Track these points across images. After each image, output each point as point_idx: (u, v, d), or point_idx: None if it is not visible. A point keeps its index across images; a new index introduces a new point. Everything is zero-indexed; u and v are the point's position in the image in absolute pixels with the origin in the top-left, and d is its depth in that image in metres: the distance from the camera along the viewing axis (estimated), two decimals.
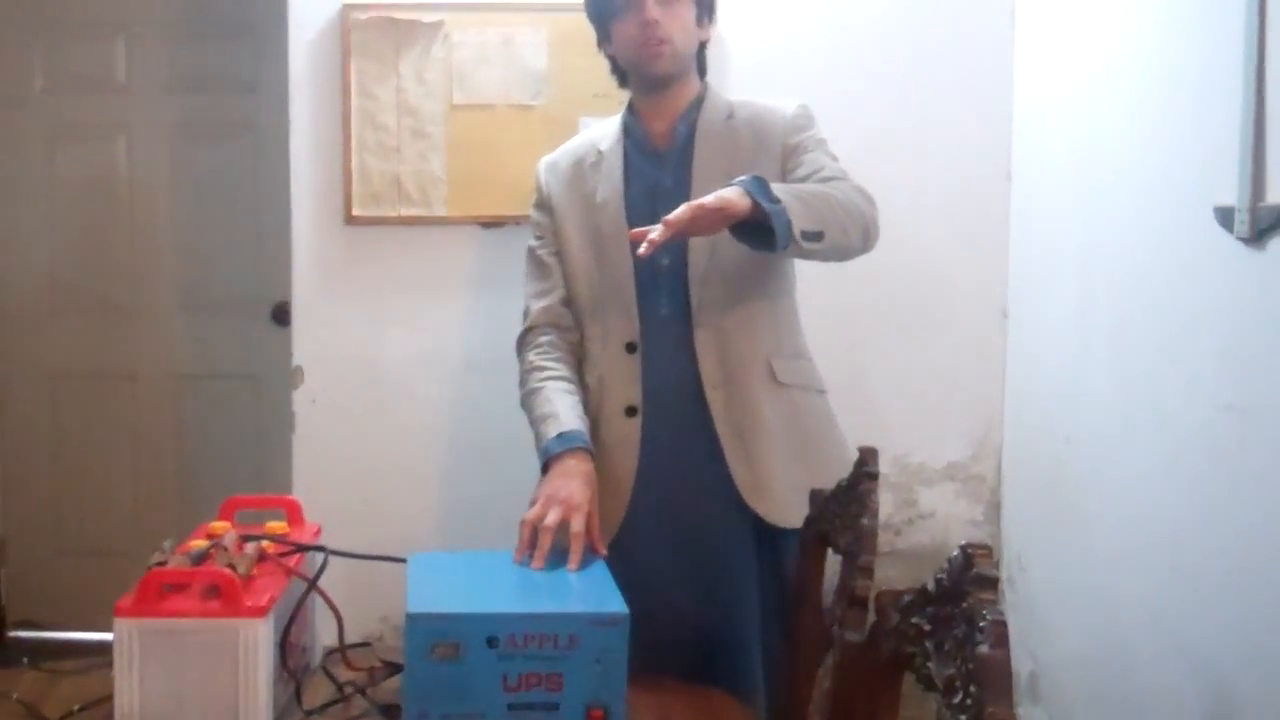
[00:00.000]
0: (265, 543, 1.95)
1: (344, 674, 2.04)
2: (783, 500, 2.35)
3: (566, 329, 2.52)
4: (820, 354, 2.67)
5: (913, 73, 3.15)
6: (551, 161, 2.61)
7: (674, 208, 2.24)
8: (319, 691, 2.00)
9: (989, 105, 3.15)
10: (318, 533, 2.14)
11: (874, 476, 1.87)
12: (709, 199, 2.14)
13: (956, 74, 3.15)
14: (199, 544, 1.91)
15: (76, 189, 4.56)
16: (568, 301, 2.52)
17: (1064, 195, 2.87)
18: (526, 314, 2.55)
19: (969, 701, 1.26)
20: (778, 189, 2.20)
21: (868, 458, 1.90)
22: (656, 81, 2.46)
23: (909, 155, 3.14)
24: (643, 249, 2.15)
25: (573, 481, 2.23)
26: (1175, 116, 2.37)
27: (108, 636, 1.82)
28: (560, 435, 2.31)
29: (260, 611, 1.76)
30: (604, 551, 2.17)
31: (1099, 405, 2.66)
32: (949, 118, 3.15)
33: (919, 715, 1.66)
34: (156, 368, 4.61)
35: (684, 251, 2.39)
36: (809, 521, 2.08)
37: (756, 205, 2.14)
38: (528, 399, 2.45)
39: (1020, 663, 3.06)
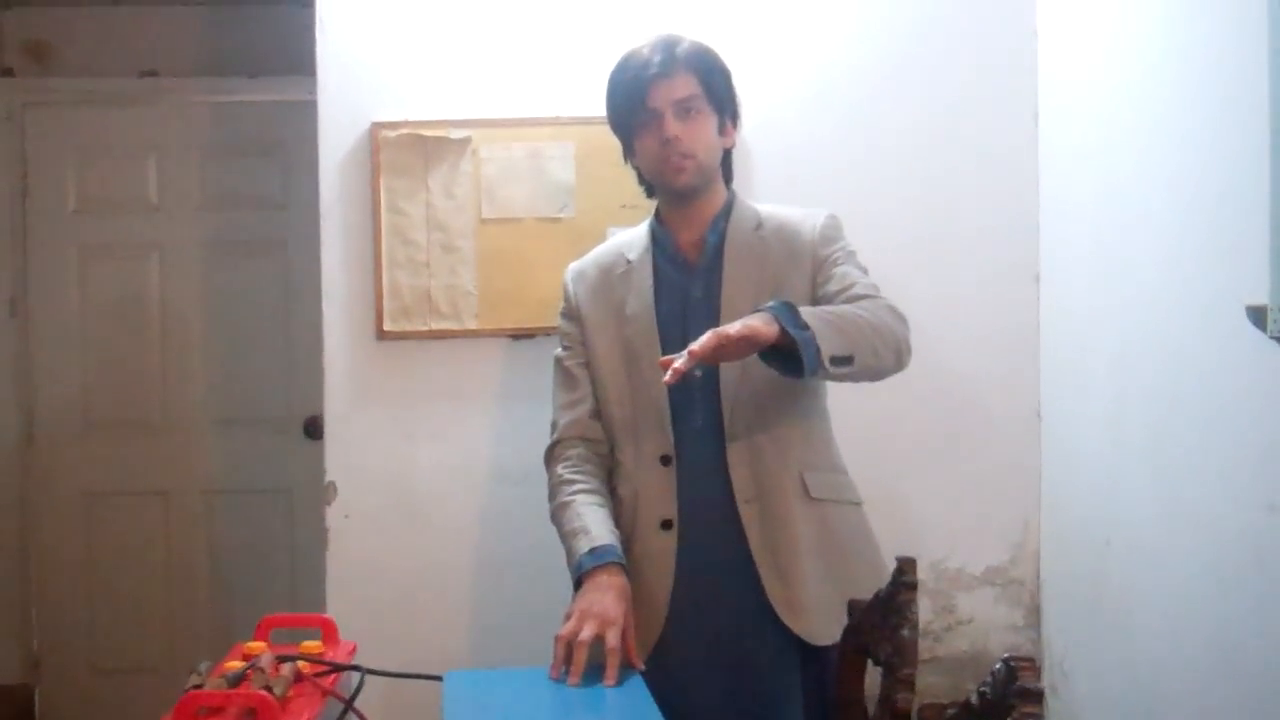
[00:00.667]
0: (301, 663, 1.93)
1: None
2: (818, 617, 2.32)
3: (595, 441, 2.51)
4: (854, 461, 2.66)
5: (938, 178, 3.15)
6: (579, 270, 2.61)
7: (704, 319, 2.29)
8: None
9: (1015, 207, 3.15)
10: (353, 651, 2.12)
11: (913, 587, 1.85)
12: (734, 327, 2.14)
13: (981, 178, 3.15)
14: (235, 665, 1.90)
15: (109, 307, 4.62)
16: (596, 414, 2.52)
17: (1094, 296, 2.87)
18: (555, 427, 2.55)
19: None
20: (806, 314, 2.19)
21: (906, 568, 1.88)
22: (681, 196, 2.47)
23: (936, 259, 3.14)
24: (668, 377, 2.15)
25: (607, 596, 2.22)
26: (1203, 216, 2.37)
27: None
28: (593, 550, 2.30)
29: None
30: (640, 666, 2.15)
31: (1138, 507, 2.64)
32: (975, 221, 3.15)
33: None
34: (189, 484, 4.64)
35: (716, 366, 2.37)
36: (848, 632, 2.06)
37: (784, 332, 2.14)
38: (558, 513, 2.44)
39: None
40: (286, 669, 1.88)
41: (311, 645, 2.09)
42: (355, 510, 3.02)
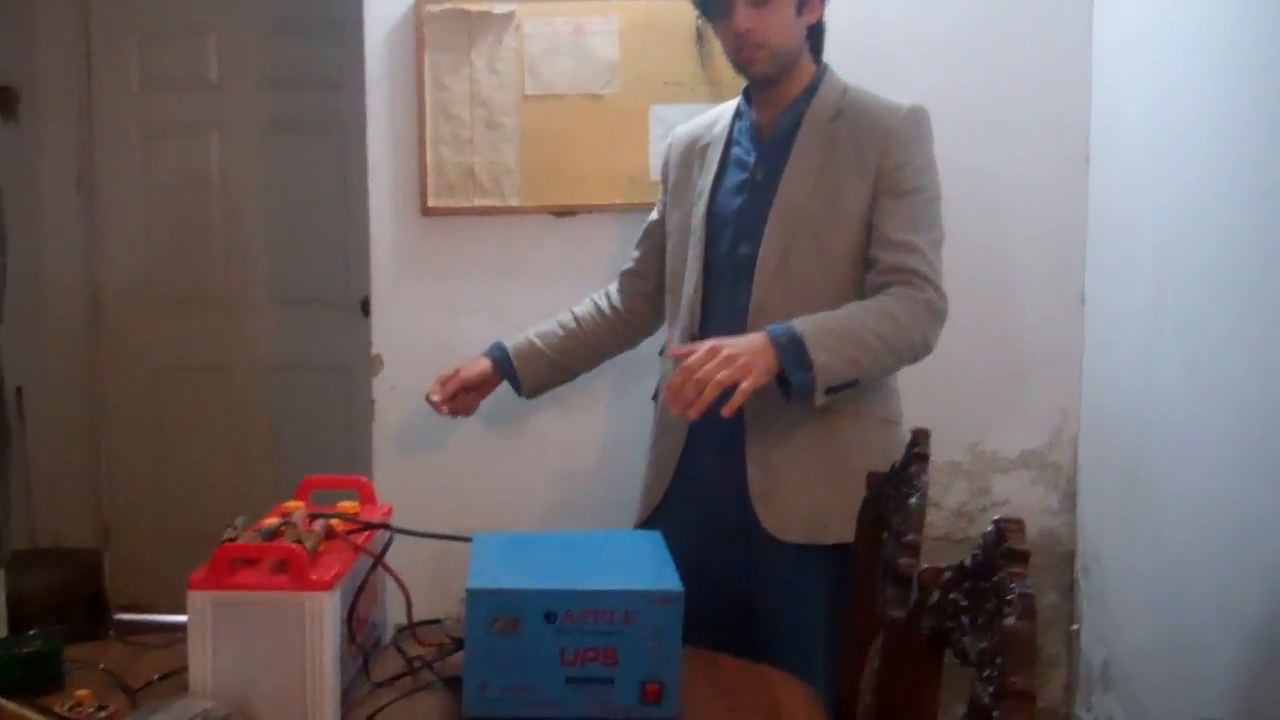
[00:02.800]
0: (334, 520, 1.99)
1: (414, 650, 2.08)
2: (793, 514, 2.36)
3: (627, 293, 2.74)
4: None
5: (994, 64, 3.11)
6: (676, 136, 2.68)
7: (758, 205, 2.37)
8: (388, 665, 2.05)
9: (1067, 90, 3.11)
10: (388, 513, 2.19)
11: (924, 457, 1.88)
12: (738, 360, 2.17)
13: (1034, 61, 3.11)
14: (270, 522, 1.97)
15: (171, 186, 4.70)
16: (646, 273, 2.69)
17: (1141, 182, 2.84)
18: (623, 270, 2.79)
19: (995, 674, 1.27)
20: (817, 347, 2.20)
21: (919, 438, 1.90)
22: (758, 83, 2.46)
23: (988, 140, 3.11)
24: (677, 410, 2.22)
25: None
26: (1252, 101, 2.33)
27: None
28: (497, 343, 2.77)
29: (325, 585, 1.80)
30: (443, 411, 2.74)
31: (1175, 394, 2.63)
32: (1028, 102, 3.12)
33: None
34: (250, 360, 4.74)
35: (757, 248, 2.39)
36: (866, 503, 2.09)
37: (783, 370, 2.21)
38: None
39: (1094, 651, 3.04)
40: (319, 525, 1.95)
41: (349, 505, 2.16)
42: (401, 382, 3.09)
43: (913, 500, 1.79)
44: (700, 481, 2.45)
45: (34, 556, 4.27)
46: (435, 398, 2.74)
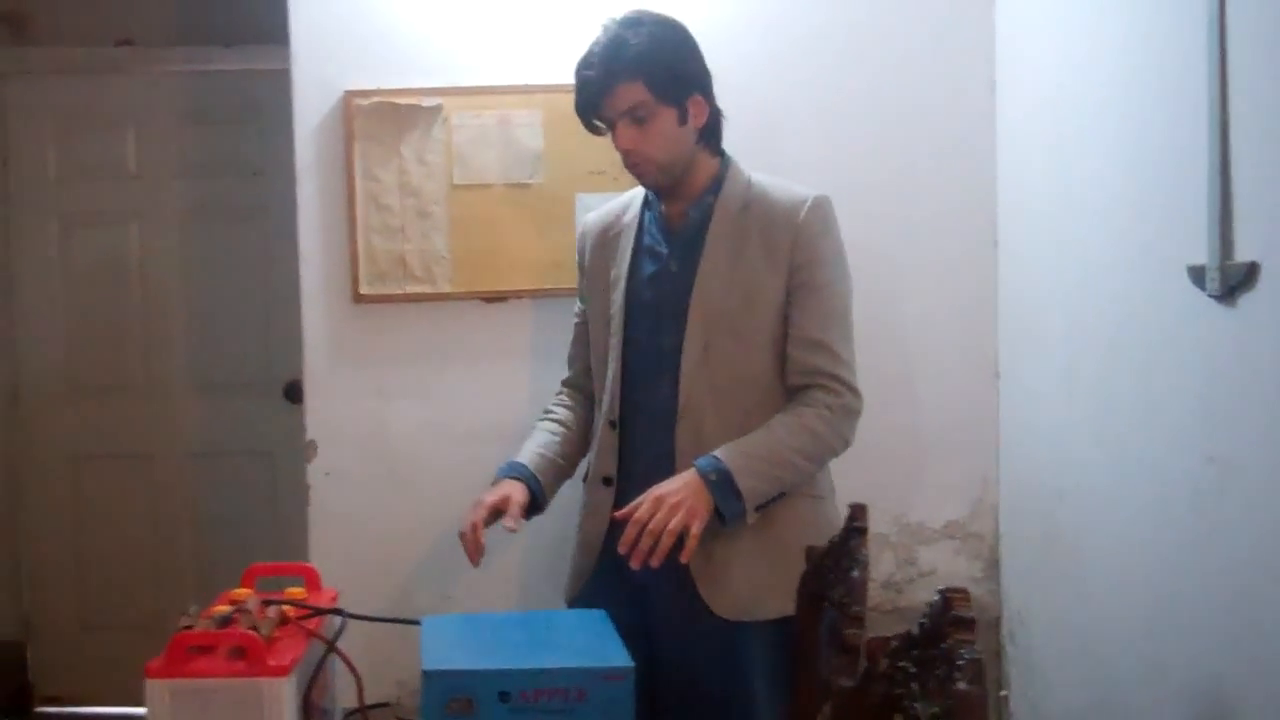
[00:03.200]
0: (286, 607, 2.02)
1: None
2: (738, 594, 2.43)
3: (587, 391, 2.71)
4: None
5: (898, 148, 3.22)
6: (587, 225, 2.72)
7: (675, 295, 2.46)
8: None
9: (973, 175, 3.23)
10: (335, 598, 2.22)
11: (863, 531, 1.96)
12: (678, 514, 2.26)
13: (940, 147, 3.23)
14: (223, 609, 1.99)
15: (90, 274, 4.69)
16: (588, 370, 2.69)
17: (1048, 259, 2.96)
18: (566, 376, 2.82)
19: None
20: (743, 474, 2.33)
21: (857, 514, 1.98)
22: (654, 192, 2.55)
23: (898, 226, 3.21)
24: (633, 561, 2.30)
25: (496, 487, 2.54)
26: (1148, 182, 2.46)
27: (132, 710, 1.91)
28: (510, 463, 2.60)
29: (283, 671, 1.83)
30: (515, 527, 2.47)
31: (1088, 462, 2.74)
32: (935, 189, 3.23)
33: None
34: (172, 446, 4.71)
35: (679, 340, 2.47)
36: (805, 578, 2.16)
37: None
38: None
39: (1022, 716, 3.13)
40: (272, 611, 1.98)
41: (296, 591, 2.19)
42: (335, 467, 3.11)
43: (854, 573, 1.87)
44: (627, 569, 2.42)
45: None
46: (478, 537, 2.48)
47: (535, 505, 2.56)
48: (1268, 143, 2.05)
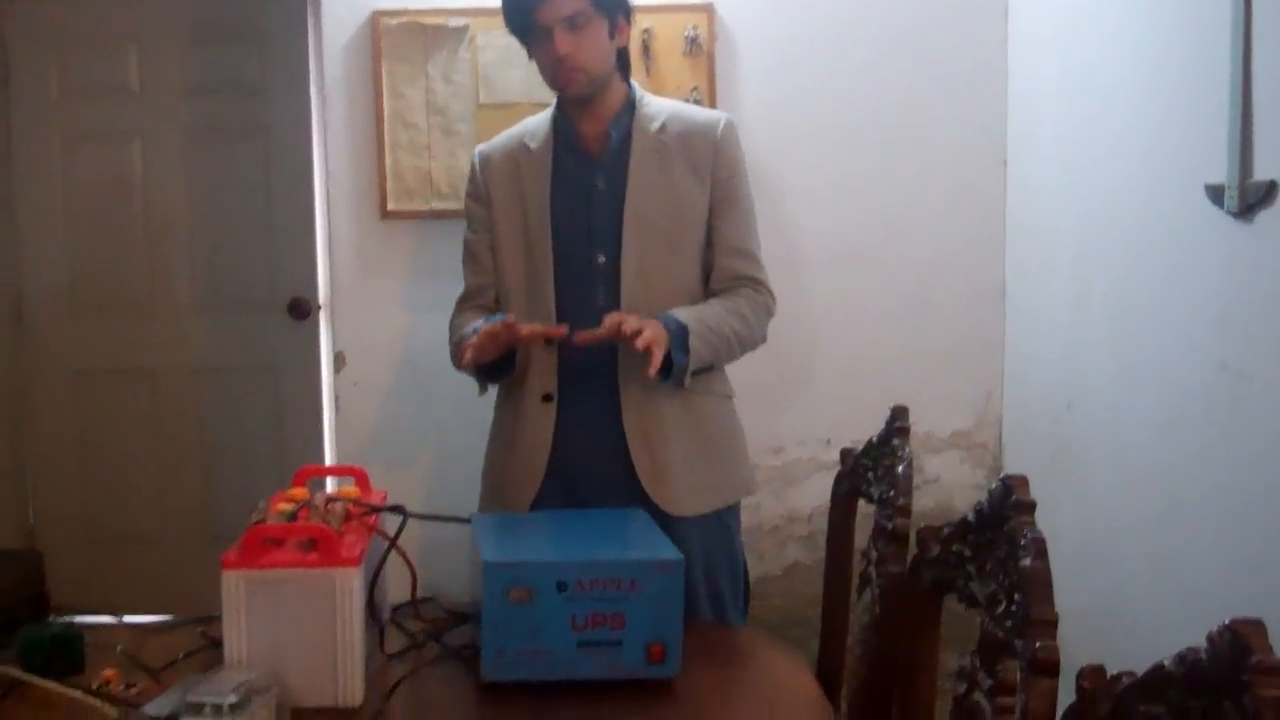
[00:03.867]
0: (349, 504, 2.11)
1: (415, 625, 2.21)
2: (680, 491, 2.54)
3: (493, 313, 2.66)
4: (831, 335, 3.08)
5: (910, 67, 3.34)
6: (486, 154, 2.72)
7: (608, 210, 2.53)
8: (393, 640, 2.17)
9: (984, 95, 3.35)
10: (384, 498, 2.30)
11: (905, 431, 2.06)
12: (642, 336, 2.33)
13: (952, 66, 3.34)
14: (287, 506, 2.07)
15: (93, 193, 4.70)
16: (495, 295, 2.70)
17: (1059, 179, 3.06)
18: (459, 301, 2.75)
19: (1014, 609, 1.45)
20: (696, 337, 2.44)
21: (898, 414, 2.09)
22: (576, 102, 2.60)
23: (907, 146, 3.34)
24: (576, 338, 2.39)
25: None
26: (1167, 100, 2.56)
27: (152, 618, 2.02)
28: (486, 319, 2.51)
29: (354, 561, 1.92)
30: (563, 330, 2.44)
31: (1099, 373, 2.85)
32: (946, 109, 3.35)
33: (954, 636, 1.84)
34: (176, 363, 4.76)
35: (618, 255, 2.55)
36: (840, 477, 2.27)
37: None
38: (453, 343, 2.65)
39: None
40: (338, 507, 2.07)
41: (349, 490, 2.27)
42: (363, 378, 3.20)
43: (900, 469, 1.97)
44: (578, 469, 2.56)
45: None
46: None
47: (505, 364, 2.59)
48: None
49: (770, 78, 3.28)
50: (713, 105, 3.24)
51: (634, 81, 2.67)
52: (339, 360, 3.20)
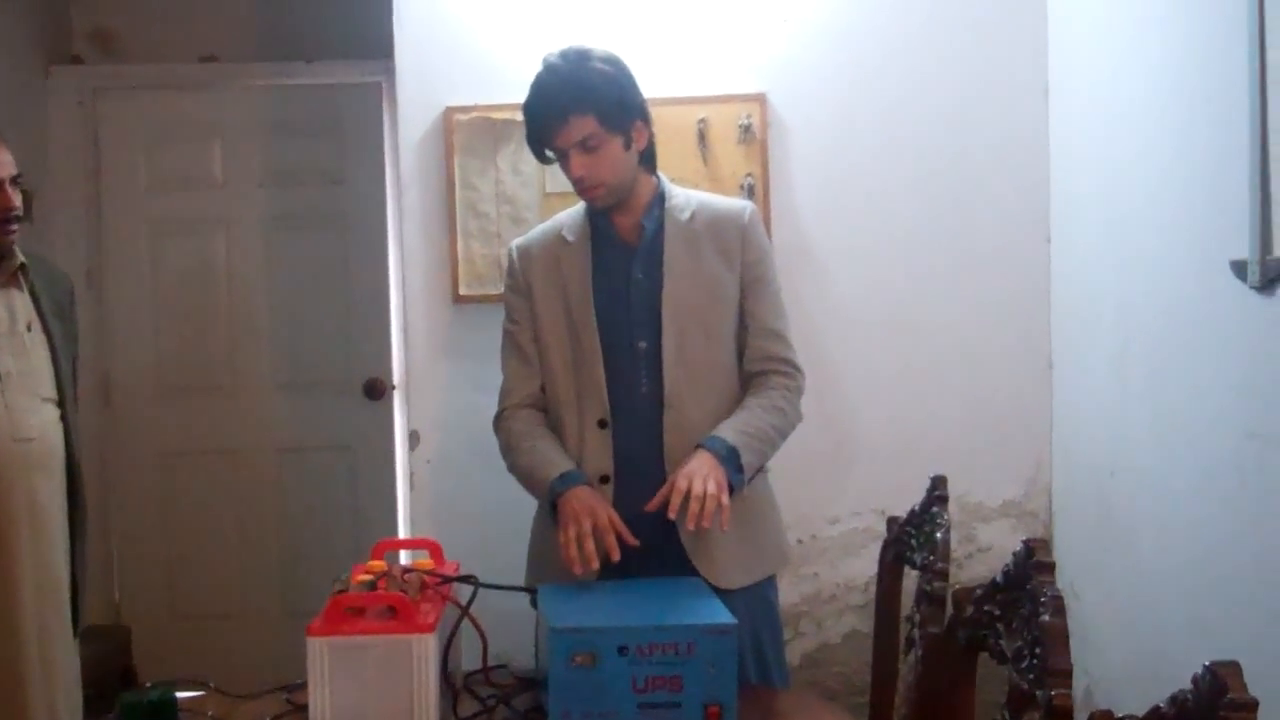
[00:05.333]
0: (425, 575, 2.26)
1: (486, 690, 2.35)
2: (725, 565, 2.64)
3: (543, 410, 2.79)
4: (886, 409, 3.27)
5: (954, 147, 3.47)
6: (524, 247, 2.82)
7: (647, 298, 2.67)
8: (465, 704, 2.31)
9: (1027, 172, 3.48)
10: (457, 568, 2.45)
11: (945, 499, 2.19)
12: (710, 483, 2.46)
13: (994, 145, 3.48)
14: (367, 576, 2.22)
15: (179, 279, 4.93)
16: (543, 386, 2.79)
17: (1099, 256, 3.18)
18: (505, 394, 2.82)
19: (1035, 662, 1.57)
20: (745, 451, 2.56)
21: (938, 484, 2.22)
22: (603, 212, 2.73)
23: (955, 223, 3.47)
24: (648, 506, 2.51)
25: (586, 498, 2.53)
26: (1193, 182, 2.68)
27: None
28: (562, 476, 2.58)
29: (430, 628, 2.07)
30: (634, 541, 2.49)
31: (1139, 441, 2.96)
32: (991, 187, 3.48)
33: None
34: (257, 443, 4.95)
35: (658, 340, 2.67)
36: (886, 545, 2.39)
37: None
38: (520, 459, 2.71)
39: (1076, 680, 3.33)
40: (413, 577, 2.21)
41: (423, 563, 2.42)
42: (436, 455, 3.36)
43: (939, 535, 2.10)
44: (631, 549, 2.57)
45: None
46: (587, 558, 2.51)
47: None
48: None
49: (820, 160, 3.43)
50: (766, 189, 3.39)
51: (660, 174, 2.79)
52: (414, 438, 3.36)
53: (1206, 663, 1.21)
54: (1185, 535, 2.74)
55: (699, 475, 2.47)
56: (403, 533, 4.64)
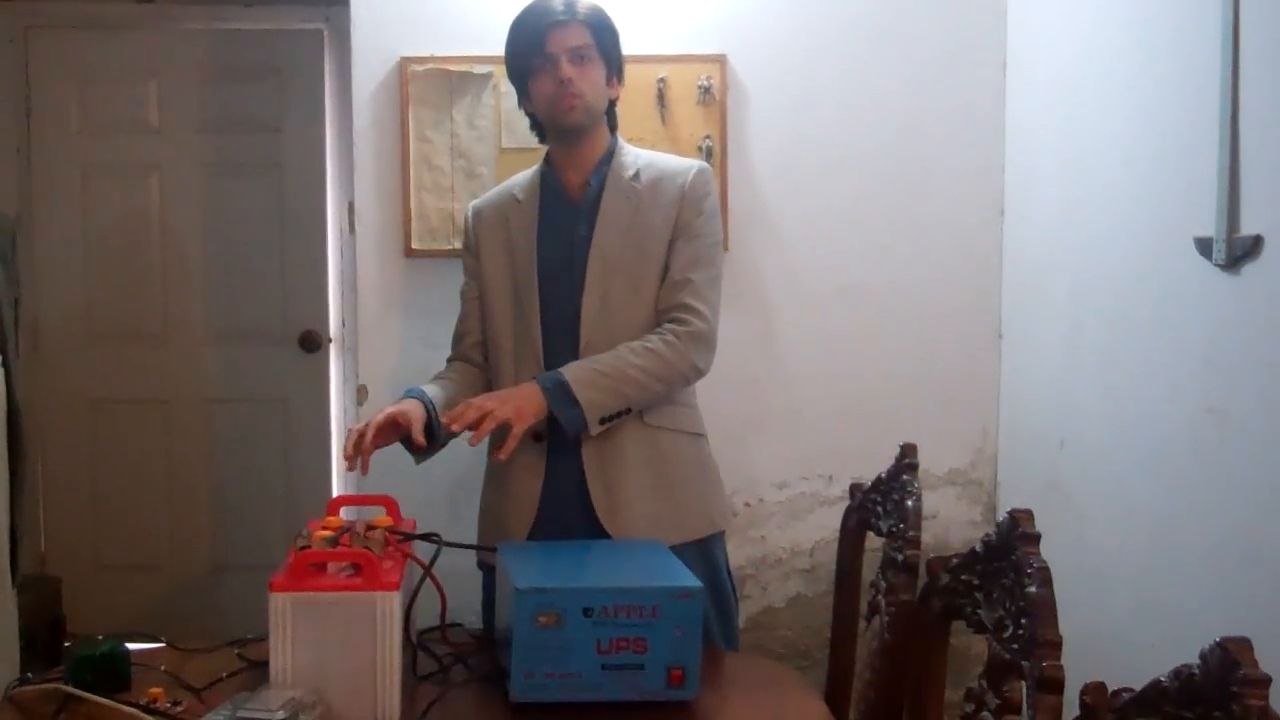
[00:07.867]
0: (388, 531, 2.23)
1: (441, 648, 2.32)
2: (634, 525, 2.63)
3: (476, 364, 2.83)
4: (835, 376, 3.24)
5: (912, 117, 3.48)
6: (478, 208, 2.86)
7: (584, 254, 2.66)
8: (422, 663, 2.28)
9: (982, 145, 3.49)
10: (414, 525, 2.41)
11: (914, 467, 2.19)
12: (501, 410, 2.47)
13: (952, 117, 3.49)
14: (329, 532, 2.19)
15: (112, 224, 4.83)
16: (478, 344, 2.83)
17: (1054, 227, 3.20)
18: (451, 349, 2.89)
19: (1020, 632, 1.57)
20: (578, 386, 2.53)
21: (908, 452, 2.22)
22: (570, 132, 2.71)
23: (909, 196, 3.48)
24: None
25: (391, 406, 2.60)
26: (1158, 155, 2.69)
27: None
28: (406, 392, 2.66)
29: (394, 585, 2.03)
30: (421, 440, 2.55)
31: (1090, 414, 2.99)
32: (946, 157, 3.49)
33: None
34: (188, 393, 4.88)
35: (579, 301, 2.67)
36: (849, 512, 2.39)
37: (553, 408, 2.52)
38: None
39: None
40: (377, 534, 2.18)
41: (382, 519, 2.38)
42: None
43: (909, 503, 2.10)
44: (555, 512, 2.66)
45: None
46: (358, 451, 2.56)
47: (430, 432, 2.63)
48: (1277, 120, 2.27)
49: (779, 124, 3.42)
50: (724, 151, 3.37)
51: (618, 135, 2.80)
52: (361, 393, 3.32)
53: (1217, 638, 1.15)
54: (1137, 507, 2.77)
55: (500, 400, 2.50)
56: (337, 488, 4.60)
